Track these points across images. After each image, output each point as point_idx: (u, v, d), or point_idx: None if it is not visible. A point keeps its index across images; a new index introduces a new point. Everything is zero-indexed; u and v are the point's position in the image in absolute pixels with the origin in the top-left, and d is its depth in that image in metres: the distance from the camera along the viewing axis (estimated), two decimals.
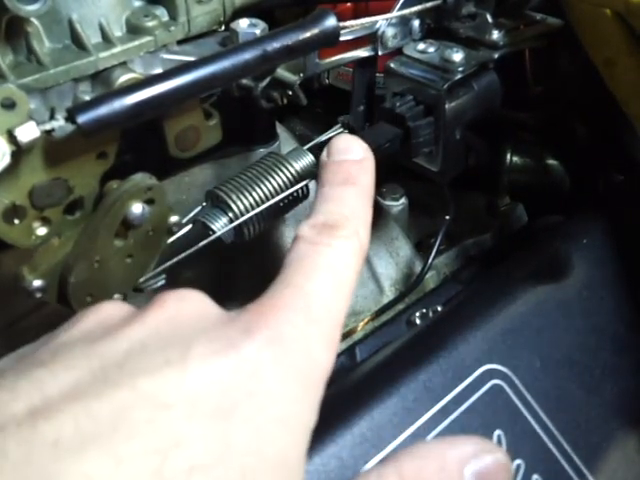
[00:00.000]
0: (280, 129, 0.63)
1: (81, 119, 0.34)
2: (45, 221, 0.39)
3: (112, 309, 0.29)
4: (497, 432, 0.41)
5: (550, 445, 0.43)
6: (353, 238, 0.32)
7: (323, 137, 0.58)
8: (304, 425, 0.26)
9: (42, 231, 0.39)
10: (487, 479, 0.28)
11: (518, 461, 0.41)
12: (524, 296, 0.47)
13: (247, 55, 0.40)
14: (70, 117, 0.34)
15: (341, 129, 0.59)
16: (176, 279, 0.60)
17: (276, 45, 0.41)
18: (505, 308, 0.46)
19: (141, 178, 0.39)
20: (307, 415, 0.26)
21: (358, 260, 0.31)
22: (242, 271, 0.64)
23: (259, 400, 0.24)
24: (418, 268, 0.67)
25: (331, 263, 0.30)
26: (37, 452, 0.20)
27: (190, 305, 0.28)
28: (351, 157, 0.36)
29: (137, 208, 0.39)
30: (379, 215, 0.69)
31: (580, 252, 0.50)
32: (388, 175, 0.74)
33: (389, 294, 0.65)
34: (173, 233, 0.44)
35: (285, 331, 0.26)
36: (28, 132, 0.35)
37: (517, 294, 0.47)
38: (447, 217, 0.62)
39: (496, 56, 0.53)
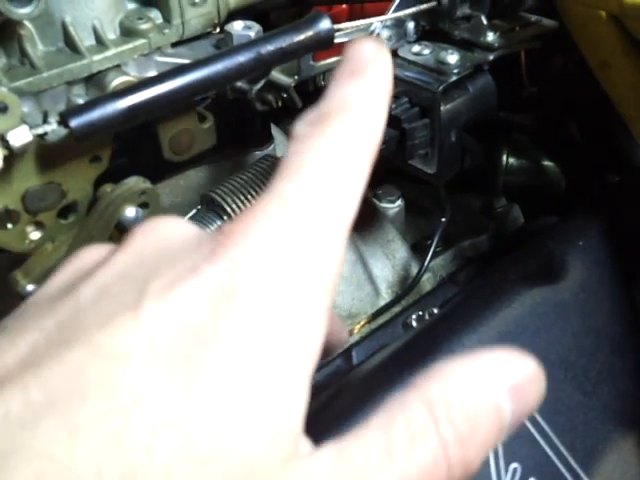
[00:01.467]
0: (275, 131, 0.63)
1: (73, 123, 0.34)
2: (39, 225, 0.39)
3: (88, 255, 0.26)
4: None
5: (546, 448, 0.42)
6: (353, 122, 0.25)
7: None
8: (296, 363, 0.21)
9: (36, 235, 0.39)
10: (522, 392, 0.24)
11: (514, 464, 0.41)
12: (520, 298, 0.46)
13: (241, 58, 0.39)
14: (62, 121, 0.34)
15: None
16: None
17: (270, 48, 0.41)
18: (501, 310, 0.45)
19: (135, 182, 0.39)
20: (298, 349, 0.21)
21: (363, 149, 0.25)
22: None
23: (227, 337, 0.20)
24: (414, 270, 0.67)
25: (323, 156, 0.24)
26: None
27: (159, 233, 0.24)
28: (363, 54, 0.28)
29: (131, 212, 0.39)
30: (375, 217, 0.69)
31: (576, 254, 0.50)
32: (384, 177, 0.74)
33: (385, 296, 0.65)
34: None
35: (256, 245, 0.22)
36: (20, 136, 0.34)
37: (513, 296, 0.46)
38: (443, 219, 0.62)
39: (491, 58, 0.53)
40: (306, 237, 0.23)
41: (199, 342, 0.20)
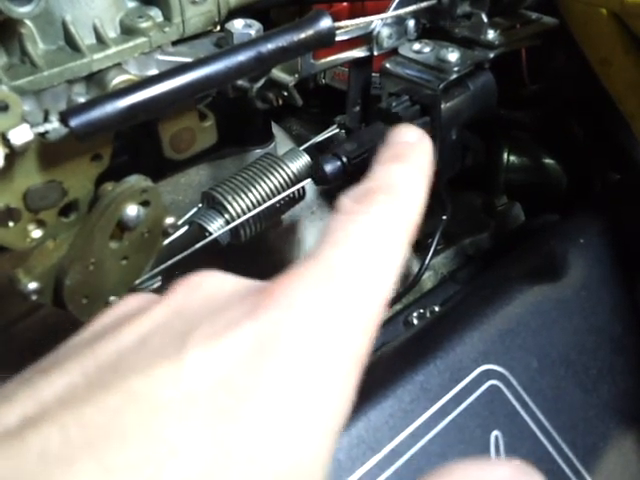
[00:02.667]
0: (276, 130, 0.63)
1: (74, 122, 0.34)
2: (40, 224, 0.39)
3: (131, 302, 0.26)
4: (495, 433, 0.41)
5: (548, 445, 0.42)
6: (394, 203, 0.26)
7: (319, 137, 0.58)
8: (324, 425, 0.22)
9: (37, 234, 0.39)
10: None
11: (515, 462, 0.41)
12: (521, 296, 0.46)
13: (242, 56, 0.39)
14: (63, 120, 0.34)
15: (337, 129, 0.59)
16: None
17: (271, 46, 0.41)
18: (502, 308, 0.45)
19: (136, 180, 0.39)
20: (327, 413, 0.22)
21: (403, 230, 0.26)
22: (238, 273, 0.64)
23: (264, 394, 0.21)
24: (416, 268, 0.67)
25: (367, 231, 0.25)
26: (23, 465, 0.19)
27: (202, 289, 0.25)
28: (405, 139, 0.31)
29: (132, 210, 0.39)
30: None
31: (577, 252, 0.50)
32: None
33: None
34: (169, 235, 0.43)
35: (298, 307, 0.22)
36: (21, 135, 0.34)
37: (514, 294, 0.47)
38: (444, 217, 0.62)
39: (492, 56, 0.53)
40: (346, 305, 0.23)
41: (236, 397, 0.21)
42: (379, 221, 0.26)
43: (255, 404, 0.21)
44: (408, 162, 0.29)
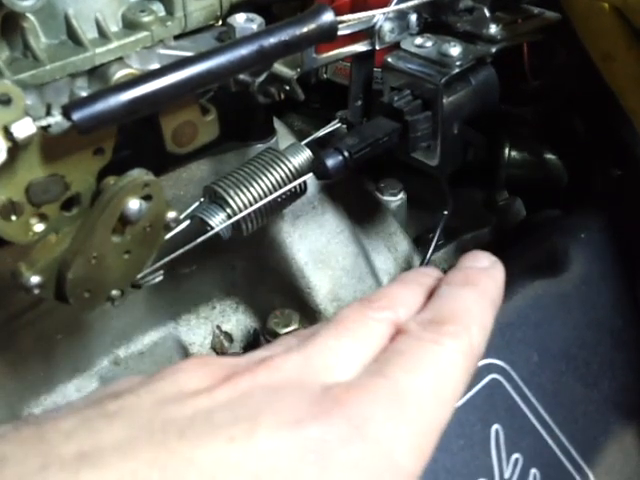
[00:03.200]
0: (278, 124, 0.63)
1: (76, 116, 0.34)
2: (42, 217, 0.39)
3: (192, 369, 0.27)
4: (495, 426, 0.41)
5: (548, 439, 0.43)
6: (464, 336, 0.28)
7: (321, 132, 0.58)
8: None
9: (39, 227, 0.39)
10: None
11: (516, 455, 0.41)
12: (522, 291, 0.47)
13: (244, 51, 0.39)
14: (65, 114, 0.34)
15: (339, 124, 0.59)
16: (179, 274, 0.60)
17: (273, 40, 0.41)
18: (503, 303, 0.45)
19: (138, 174, 0.39)
20: None
21: (468, 363, 0.27)
22: (240, 267, 0.64)
23: None
24: (417, 263, 0.67)
25: (436, 361, 0.26)
26: None
27: (271, 376, 0.26)
28: (477, 265, 0.32)
29: (134, 204, 0.39)
30: (377, 210, 0.69)
31: (578, 247, 0.50)
32: (387, 170, 0.74)
33: None
34: (171, 229, 0.43)
35: (367, 421, 0.24)
36: (24, 128, 0.34)
37: (515, 288, 0.47)
38: (445, 212, 0.62)
39: (494, 50, 0.53)
40: (411, 429, 0.25)
41: None
42: (448, 353, 0.27)
43: None
44: (479, 288, 0.30)
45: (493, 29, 0.53)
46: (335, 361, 0.27)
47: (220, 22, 0.50)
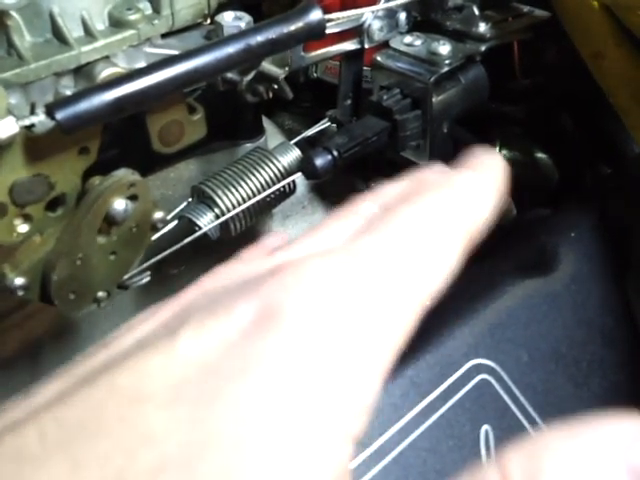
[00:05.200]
0: (267, 123, 0.62)
1: (60, 115, 0.33)
2: (26, 218, 0.38)
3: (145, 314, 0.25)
4: (485, 427, 0.41)
5: None
6: (459, 196, 0.23)
7: (310, 131, 0.58)
8: (329, 426, 0.19)
9: (23, 228, 0.38)
10: None
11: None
12: (511, 290, 0.46)
13: (230, 49, 0.39)
14: (49, 113, 0.33)
15: (328, 123, 0.58)
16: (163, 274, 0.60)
17: (260, 38, 0.40)
18: (492, 302, 0.45)
19: (124, 174, 0.39)
20: (328, 404, 0.19)
21: (461, 228, 0.23)
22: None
23: (254, 374, 0.19)
24: None
25: (416, 216, 0.22)
26: (0, 467, 0.19)
27: (209, 284, 0.24)
28: (482, 158, 0.27)
29: (120, 204, 0.38)
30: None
31: (568, 245, 0.50)
32: (377, 170, 0.74)
33: None
34: (158, 229, 0.43)
35: (304, 286, 0.20)
36: (7, 128, 0.34)
37: (504, 288, 0.47)
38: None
39: (483, 49, 0.53)
40: (369, 297, 0.20)
41: (223, 379, 0.19)
42: (432, 208, 0.22)
43: (242, 385, 0.19)
44: (482, 169, 0.26)
45: (482, 27, 0.53)
46: (299, 246, 0.24)
47: (208, 20, 0.49)
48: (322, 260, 0.21)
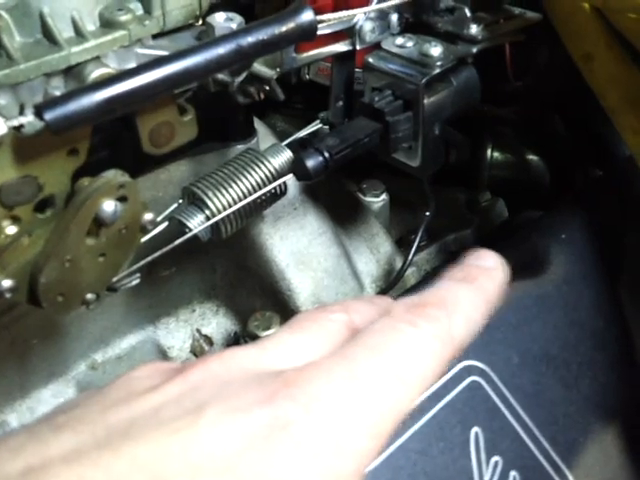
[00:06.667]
0: (259, 125, 0.62)
1: (48, 116, 0.33)
2: (15, 220, 0.38)
3: (143, 373, 0.26)
4: (475, 429, 0.41)
5: (528, 441, 0.42)
6: (443, 322, 0.25)
7: (302, 133, 0.58)
8: None
9: (12, 230, 0.38)
10: None
11: (496, 458, 0.41)
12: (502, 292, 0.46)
13: (221, 50, 0.39)
14: (38, 114, 0.33)
15: (320, 125, 0.58)
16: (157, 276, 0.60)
17: (251, 39, 0.40)
18: None
19: (113, 175, 0.38)
20: None
21: (444, 351, 0.25)
22: (220, 269, 0.64)
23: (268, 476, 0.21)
24: (399, 264, 0.67)
25: (405, 342, 0.24)
26: None
27: (219, 368, 0.25)
28: (481, 263, 0.29)
29: (109, 206, 0.38)
30: (359, 211, 0.69)
31: (559, 247, 0.50)
32: (369, 171, 0.74)
33: (370, 291, 0.65)
34: (147, 231, 0.43)
35: (315, 399, 0.22)
36: None
37: None
38: (427, 213, 0.62)
39: (474, 50, 0.53)
40: (362, 410, 0.23)
41: (236, 474, 0.21)
42: (423, 337, 0.25)
43: None
44: (474, 285, 0.28)
45: (474, 29, 0.53)
46: (291, 352, 0.26)
47: (200, 21, 0.49)
48: (324, 373, 0.23)
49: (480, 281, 0.28)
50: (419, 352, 0.25)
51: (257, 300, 0.63)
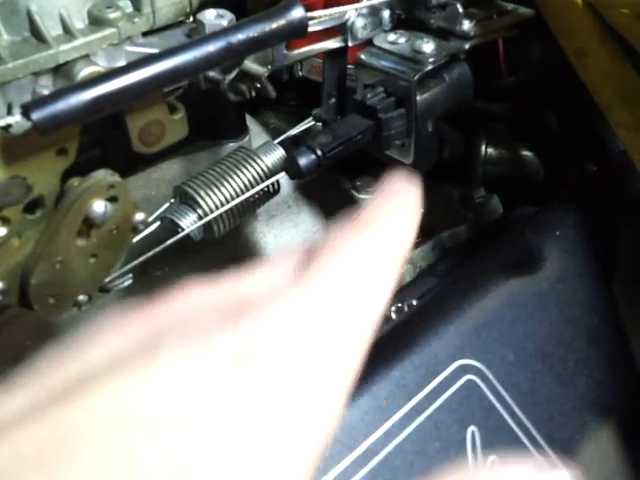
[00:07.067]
0: (251, 123, 0.62)
1: (36, 116, 0.32)
2: (4, 221, 0.38)
3: (103, 323, 0.25)
4: (471, 428, 0.41)
5: (524, 439, 0.42)
6: (389, 230, 0.25)
7: (294, 130, 0.57)
8: (299, 447, 0.20)
9: (1, 231, 0.38)
10: None
11: (492, 457, 0.41)
12: (497, 289, 0.46)
13: (211, 47, 0.38)
14: (24, 114, 0.33)
15: (313, 122, 0.58)
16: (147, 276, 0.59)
17: (241, 37, 0.40)
18: (478, 302, 0.45)
19: (103, 175, 0.38)
20: (303, 435, 0.21)
21: (394, 257, 0.25)
22: (214, 268, 0.63)
23: (234, 408, 0.20)
24: None
25: (361, 250, 0.24)
26: None
27: (179, 304, 0.24)
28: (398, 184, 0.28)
29: (99, 206, 0.38)
30: (353, 209, 0.69)
31: (553, 244, 0.50)
32: (363, 168, 0.73)
33: None
34: (139, 231, 0.42)
35: (277, 324, 0.21)
36: None
37: (490, 287, 0.46)
38: (421, 210, 0.61)
39: (467, 47, 0.53)
40: (332, 326, 0.22)
41: (205, 410, 0.20)
42: (374, 241, 0.25)
43: (224, 418, 0.20)
44: (400, 198, 0.27)
45: (466, 25, 0.53)
46: (252, 281, 0.25)
47: (191, 18, 0.49)
48: (287, 301, 0.22)
49: (404, 195, 0.28)
50: (374, 262, 0.24)
51: None
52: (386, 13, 0.53)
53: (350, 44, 0.52)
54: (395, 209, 0.27)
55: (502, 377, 0.43)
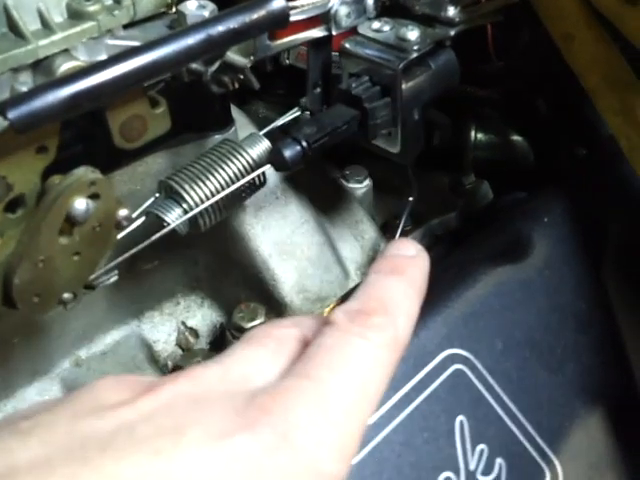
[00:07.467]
0: (237, 114, 0.61)
1: (12, 114, 0.32)
2: None
3: (109, 384, 0.26)
4: (460, 418, 0.41)
5: (513, 428, 0.42)
6: (389, 329, 0.28)
7: (281, 121, 0.57)
8: None
9: None
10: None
11: (482, 446, 0.41)
12: (484, 278, 0.46)
13: (191, 40, 0.38)
14: (1, 113, 0.32)
15: (299, 112, 0.57)
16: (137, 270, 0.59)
17: (221, 28, 0.39)
18: (466, 291, 0.45)
19: (84, 172, 0.37)
20: None
21: (393, 356, 0.28)
22: (203, 262, 0.63)
23: None
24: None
25: (362, 358, 0.26)
26: None
27: (191, 387, 0.26)
28: (404, 253, 0.32)
29: (80, 204, 0.37)
30: (342, 198, 0.68)
31: (541, 231, 0.50)
32: (351, 156, 0.73)
33: (355, 278, 0.64)
34: (123, 227, 0.42)
35: (292, 427, 0.24)
36: None
37: (477, 276, 0.46)
38: (411, 198, 0.61)
39: (452, 33, 0.52)
40: (337, 429, 0.25)
41: None
42: (373, 348, 0.27)
43: None
44: (406, 277, 0.30)
45: (451, 11, 0.52)
46: (254, 369, 0.27)
47: (173, 9, 0.48)
48: (296, 399, 0.25)
49: (409, 272, 0.31)
50: (375, 365, 0.26)
51: (242, 291, 0.62)
52: (370, 0, 0.53)
53: (334, 33, 0.52)
54: (399, 293, 0.29)
55: (490, 366, 0.43)
